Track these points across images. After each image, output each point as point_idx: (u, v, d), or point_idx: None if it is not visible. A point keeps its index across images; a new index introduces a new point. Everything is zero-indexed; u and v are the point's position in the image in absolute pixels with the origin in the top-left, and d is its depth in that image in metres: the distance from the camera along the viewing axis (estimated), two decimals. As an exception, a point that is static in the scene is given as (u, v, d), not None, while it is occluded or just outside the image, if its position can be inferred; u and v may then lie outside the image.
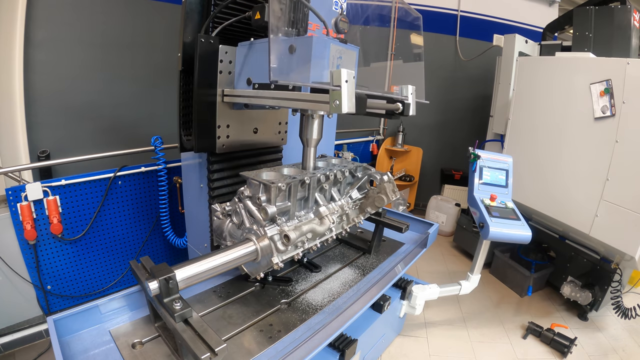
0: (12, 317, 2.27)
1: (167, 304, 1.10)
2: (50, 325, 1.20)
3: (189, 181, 1.93)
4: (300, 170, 1.55)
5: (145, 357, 1.21)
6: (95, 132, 3.05)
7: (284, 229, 1.32)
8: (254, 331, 1.35)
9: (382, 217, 1.97)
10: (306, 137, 1.49)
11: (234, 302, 1.52)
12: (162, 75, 3.18)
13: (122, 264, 2.68)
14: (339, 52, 1.28)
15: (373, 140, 4.85)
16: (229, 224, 1.50)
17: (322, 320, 1.43)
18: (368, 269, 1.86)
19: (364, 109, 1.10)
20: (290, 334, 1.35)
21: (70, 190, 2.29)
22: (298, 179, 1.41)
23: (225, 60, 1.48)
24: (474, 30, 4.69)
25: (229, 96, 1.50)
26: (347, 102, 1.00)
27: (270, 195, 1.33)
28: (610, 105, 2.33)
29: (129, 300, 1.43)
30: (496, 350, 2.53)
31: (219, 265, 1.27)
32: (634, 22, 2.91)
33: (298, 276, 1.74)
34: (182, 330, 1.07)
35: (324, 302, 1.56)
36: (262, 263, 1.38)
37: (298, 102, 1.18)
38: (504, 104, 3.46)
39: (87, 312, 1.32)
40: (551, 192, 2.77)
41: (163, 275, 1.09)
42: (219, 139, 1.56)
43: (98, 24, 2.90)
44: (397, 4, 2.15)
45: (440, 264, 3.80)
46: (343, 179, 1.67)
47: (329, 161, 1.80)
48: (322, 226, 1.43)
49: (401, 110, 1.40)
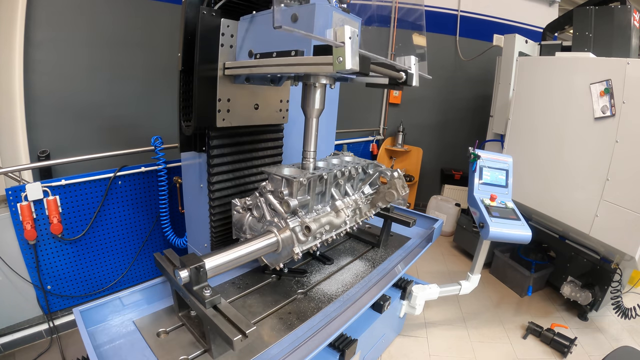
0: (12, 317, 2.27)
1: (197, 291, 1.14)
2: (77, 316, 1.24)
3: (189, 181, 1.94)
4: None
5: (171, 344, 1.26)
6: (95, 132, 3.05)
7: (305, 220, 1.39)
8: (274, 319, 1.42)
9: (391, 212, 2.03)
10: (308, 107, 1.45)
11: (253, 293, 1.58)
12: (163, 75, 3.18)
13: (122, 264, 2.68)
14: (342, 20, 1.26)
15: (373, 140, 4.85)
16: (249, 217, 1.56)
17: (338, 308, 1.49)
18: (378, 261, 1.91)
19: (368, 68, 1.06)
20: (307, 322, 1.41)
21: (70, 190, 2.29)
22: (317, 174, 1.48)
23: (227, 33, 1.46)
24: (474, 30, 4.69)
25: (230, 69, 1.47)
26: (351, 59, 0.98)
27: (292, 189, 1.40)
28: (610, 105, 2.33)
29: (150, 292, 1.47)
30: (496, 350, 2.53)
31: (244, 255, 1.32)
32: (634, 22, 2.91)
33: (312, 268, 1.80)
34: (213, 315, 1.12)
35: (338, 292, 1.63)
36: (283, 254, 1.43)
37: (301, 67, 1.16)
38: (504, 104, 3.46)
39: (110, 303, 1.36)
40: (551, 192, 2.77)
41: (193, 264, 1.14)
42: (219, 112, 1.53)
43: (98, 23, 2.90)
44: (397, 4, 2.14)
45: (440, 264, 3.80)
46: (356, 175, 1.74)
47: (342, 158, 1.86)
48: (338, 219, 1.51)
49: (404, 80, 1.38)
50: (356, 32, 0.99)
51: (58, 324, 2.40)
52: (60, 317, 2.44)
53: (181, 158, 1.94)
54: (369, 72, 1.08)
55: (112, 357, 1.18)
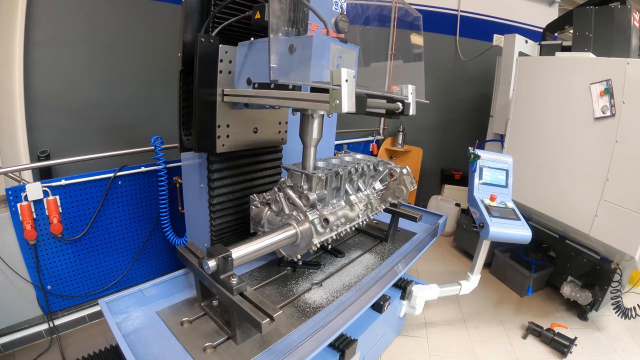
0: (12, 317, 2.27)
1: (224, 279, 1.21)
2: (104, 307, 1.29)
3: (189, 181, 1.93)
4: (331, 163, 1.68)
5: (195, 332, 1.31)
6: (95, 132, 3.04)
7: (323, 213, 1.47)
8: (292, 307, 1.48)
9: (398, 208, 2.09)
10: (306, 137, 1.51)
11: (270, 284, 1.65)
12: (163, 75, 3.18)
13: (122, 264, 2.68)
14: (339, 51, 1.29)
15: (373, 140, 4.85)
16: (267, 212, 1.63)
17: (351, 296, 1.56)
18: (387, 254, 1.98)
19: (364, 109, 1.11)
20: (324, 309, 1.47)
21: (70, 190, 2.29)
22: (334, 170, 1.57)
23: (225, 59, 1.48)
24: (474, 30, 4.69)
25: (229, 96, 1.51)
26: (347, 102, 1.01)
27: (311, 184, 1.48)
28: (610, 105, 2.33)
29: (171, 284, 1.52)
30: (496, 350, 2.53)
31: (266, 246, 1.39)
32: (634, 22, 2.91)
33: (325, 261, 1.86)
34: (240, 301, 1.17)
35: (351, 282, 1.69)
36: (302, 245, 1.50)
37: (298, 102, 1.19)
38: (504, 104, 3.46)
39: (133, 295, 1.40)
40: (551, 192, 2.77)
41: (221, 254, 1.20)
42: (219, 138, 1.57)
43: (98, 23, 2.90)
44: (397, 4, 2.15)
45: (440, 264, 3.80)
46: (368, 171, 1.83)
47: (354, 156, 1.94)
48: (353, 212, 1.60)
49: (401, 110, 1.42)
50: (352, 74, 1.02)
51: (58, 324, 2.40)
52: (60, 317, 2.44)
53: (181, 158, 1.93)
54: (365, 111, 1.13)
55: (140, 345, 1.22)
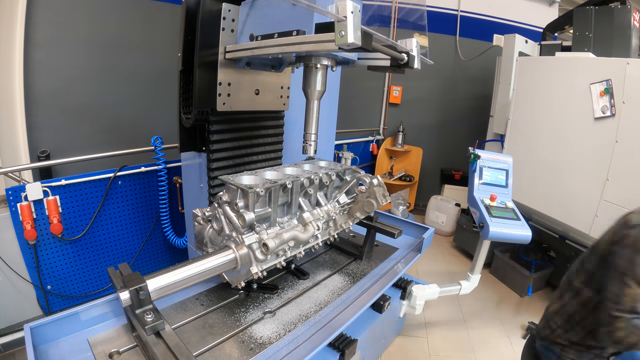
0: (12, 317, 2.26)
1: (139, 315, 1.07)
2: (27, 333, 1.15)
3: (189, 181, 1.94)
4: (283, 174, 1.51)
5: None
6: (95, 132, 3.04)
7: (262, 237, 1.26)
8: (234, 342, 1.30)
9: (374, 221, 1.90)
10: (309, 89, 1.42)
11: (216, 311, 1.46)
12: (163, 75, 3.18)
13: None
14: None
15: (373, 140, 4.85)
16: (209, 229, 1.43)
17: (306, 331, 1.36)
18: (358, 276, 1.80)
19: (370, 44, 1.05)
20: (272, 346, 1.29)
21: (70, 190, 2.29)
22: (279, 183, 1.35)
23: (228, 18, 1.45)
24: (474, 30, 4.69)
25: (231, 52, 1.46)
26: (353, 33, 0.97)
27: (248, 201, 1.27)
28: (610, 105, 2.33)
29: (110, 307, 1.37)
30: (496, 350, 2.53)
31: (196, 275, 1.22)
32: (634, 22, 2.91)
33: (285, 283, 1.68)
34: (154, 343, 1.04)
35: (309, 312, 1.50)
36: (242, 272, 1.32)
37: (303, 45, 1.15)
38: (504, 104, 3.46)
39: (65, 319, 1.28)
40: (551, 192, 2.77)
41: (134, 286, 1.05)
42: (220, 96, 1.51)
43: (98, 23, 2.90)
44: (397, 4, 2.15)
45: (440, 264, 3.80)
46: (330, 182, 1.59)
47: (316, 164, 1.72)
48: (306, 233, 1.37)
49: (406, 61, 1.34)
50: (358, 8, 0.97)
51: (58, 324, 2.40)
52: (60, 317, 2.44)
53: (181, 158, 1.94)
54: (371, 47, 1.06)
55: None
